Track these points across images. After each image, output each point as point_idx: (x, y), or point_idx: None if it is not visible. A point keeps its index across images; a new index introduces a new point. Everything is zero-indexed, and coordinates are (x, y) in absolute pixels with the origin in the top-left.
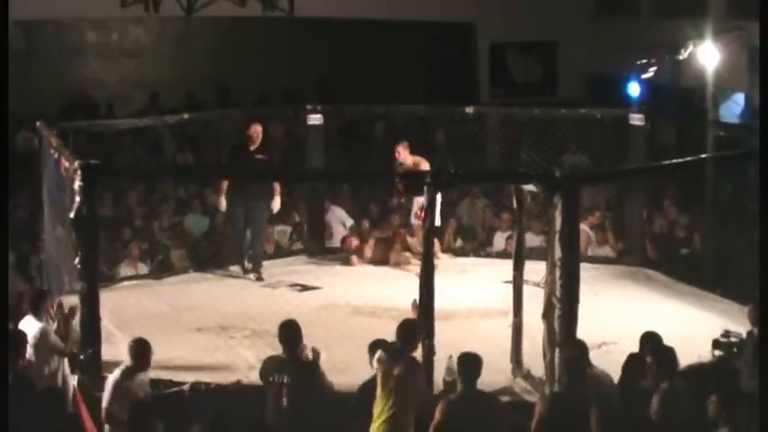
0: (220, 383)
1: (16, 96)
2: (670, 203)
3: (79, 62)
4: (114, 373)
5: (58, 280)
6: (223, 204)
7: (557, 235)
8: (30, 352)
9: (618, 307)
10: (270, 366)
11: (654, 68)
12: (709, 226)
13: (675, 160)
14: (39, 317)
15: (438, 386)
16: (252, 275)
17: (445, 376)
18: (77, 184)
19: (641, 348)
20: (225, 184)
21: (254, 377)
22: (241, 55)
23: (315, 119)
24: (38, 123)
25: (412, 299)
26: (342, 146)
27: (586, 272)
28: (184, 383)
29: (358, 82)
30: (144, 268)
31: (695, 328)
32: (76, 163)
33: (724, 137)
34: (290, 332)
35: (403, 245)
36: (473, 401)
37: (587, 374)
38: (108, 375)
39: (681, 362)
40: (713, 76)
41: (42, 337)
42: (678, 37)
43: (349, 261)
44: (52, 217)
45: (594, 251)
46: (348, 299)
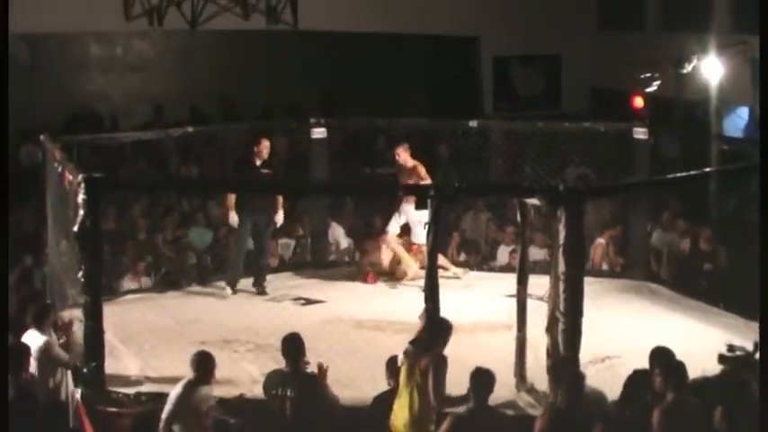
0: (223, 397)
1: (20, 110)
2: (674, 217)
3: (83, 75)
4: (177, 388)
5: (62, 293)
6: (235, 219)
7: (560, 249)
8: (33, 365)
9: (621, 321)
10: (273, 380)
11: (658, 82)
12: (713, 240)
13: (679, 174)
14: (42, 330)
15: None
16: (256, 288)
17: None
18: (81, 198)
19: (651, 364)
20: (232, 199)
21: (257, 391)
22: (245, 68)
23: (318, 132)
24: (41, 137)
25: (420, 311)
26: (345, 159)
27: (590, 286)
28: None
29: (361, 95)
30: (147, 281)
31: (699, 343)
32: (80, 176)
33: (728, 151)
34: (294, 346)
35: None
36: (483, 418)
37: (582, 392)
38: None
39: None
40: (717, 90)
41: (46, 351)
42: (682, 50)
43: (365, 278)
44: (56, 230)
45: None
46: (352, 313)
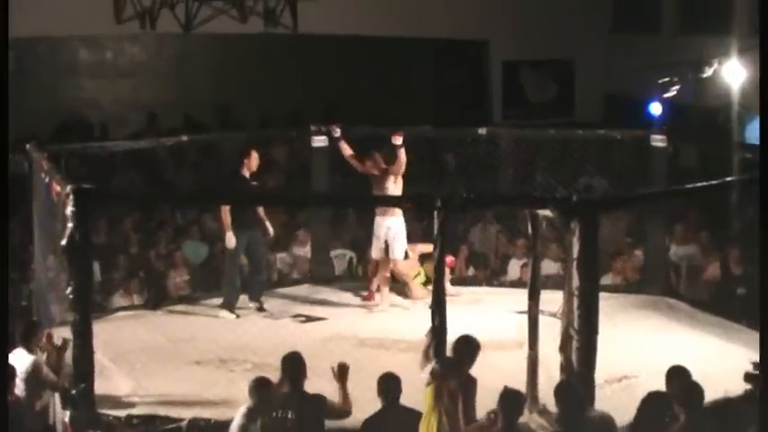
0: (220, 419)
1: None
2: (693, 230)
3: (72, 82)
4: (237, 418)
5: (50, 311)
6: (233, 242)
7: (574, 262)
8: (20, 387)
9: (639, 338)
10: (272, 401)
11: (676, 87)
12: (733, 252)
13: (699, 183)
14: (30, 349)
15: None
16: (252, 305)
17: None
18: (70, 210)
19: (668, 384)
20: (228, 217)
21: None
22: (242, 74)
23: (319, 141)
24: (28, 146)
25: (426, 329)
26: (347, 168)
27: (605, 301)
28: (182, 420)
29: (365, 102)
30: (139, 298)
31: (721, 361)
32: (69, 187)
33: (750, 159)
34: (294, 365)
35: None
36: None
37: (588, 416)
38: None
39: (706, 397)
40: (738, 95)
41: (34, 371)
42: (701, 54)
43: (411, 294)
44: (43, 244)
45: (614, 279)
46: (355, 330)
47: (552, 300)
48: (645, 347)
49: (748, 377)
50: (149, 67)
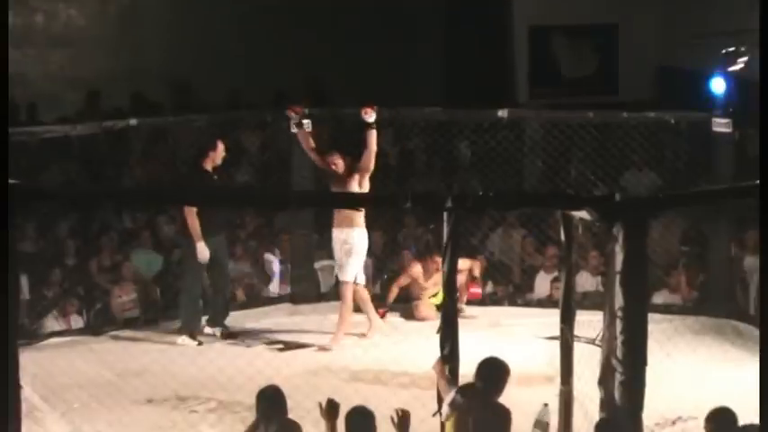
0: None
1: None
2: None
3: None
4: None
5: None
6: (206, 252)
7: (617, 277)
8: None
9: (698, 371)
10: None
11: (744, 59)
12: None
13: None
14: None
15: None
16: (214, 331)
17: (541, 416)
18: None
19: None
20: (197, 222)
21: None
22: (205, 42)
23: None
24: None
25: (434, 360)
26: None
27: (657, 325)
28: None
29: (358, 78)
30: (78, 321)
31: None
32: None
33: None
34: (272, 403)
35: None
36: None
37: None
38: None
39: None
40: None
41: None
42: None
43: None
44: None
45: (667, 298)
46: (346, 361)
47: (590, 323)
48: (705, 382)
49: None
50: (89, 34)
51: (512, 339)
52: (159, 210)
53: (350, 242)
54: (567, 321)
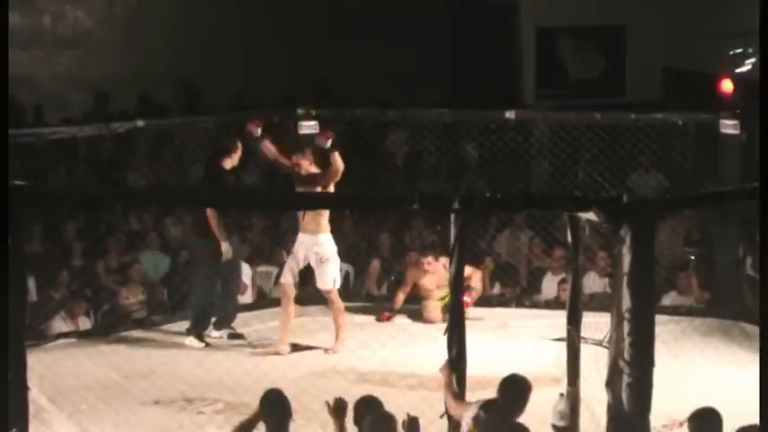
0: None
1: None
2: None
3: None
4: None
5: None
6: (230, 251)
7: (624, 278)
8: None
9: (705, 373)
10: None
11: (751, 60)
12: None
13: None
14: None
15: None
16: (222, 333)
17: (555, 421)
18: None
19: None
20: (220, 223)
21: None
22: (212, 44)
23: (308, 126)
24: None
25: (442, 361)
26: (344, 161)
27: (664, 326)
28: None
29: (364, 79)
30: (86, 322)
31: None
32: None
33: None
34: (276, 406)
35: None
36: None
37: None
38: None
39: None
40: None
41: None
42: None
43: (426, 317)
44: None
45: (675, 299)
46: (353, 362)
47: (597, 324)
48: (713, 384)
49: None
50: (97, 36)
51: (519, 341)
52: (166, 211)
53: (321, 250)
54: (575, 323)
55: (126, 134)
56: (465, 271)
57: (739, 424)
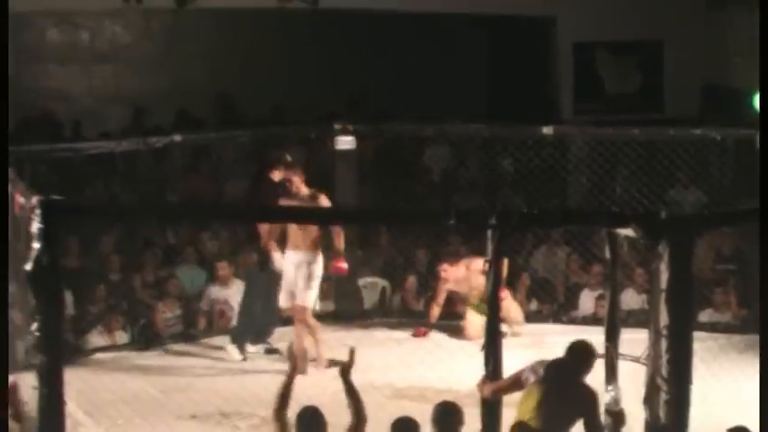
0: None
1: None
2: None
3: (38, 68)
4: None
5: (11, 352)
6: (282, 263)
7: (662, 295)
8: None
9: (744, 390)
10: None
11: None
12: None
13: None
14: None
15: None
16: (259, 347)
17: (610, 407)
18: (35, 227)
19: None
20: (269, 231)
21: None
22: (249, 59)
23: (345, 142)
24: None
25: (479, 378)
26: (379, 177)
27: (702, 343)
28: None
29: (402, 94)
30: (123, 336)
31: None
32: (34, 199)
33: None
34: (311, 423)
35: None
36: None
37: None
38: None
39: None
40: None
41: None
42: None
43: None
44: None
45: (713, 316)
46: (390, 378)
47: (635, 341)
48: (752, 402)
49: None
50: (134, 51)
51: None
52: (202, 225)
53: (310, 267)
54: (612, 339)
55: (163, 148)
56: (478, 265)
57: None
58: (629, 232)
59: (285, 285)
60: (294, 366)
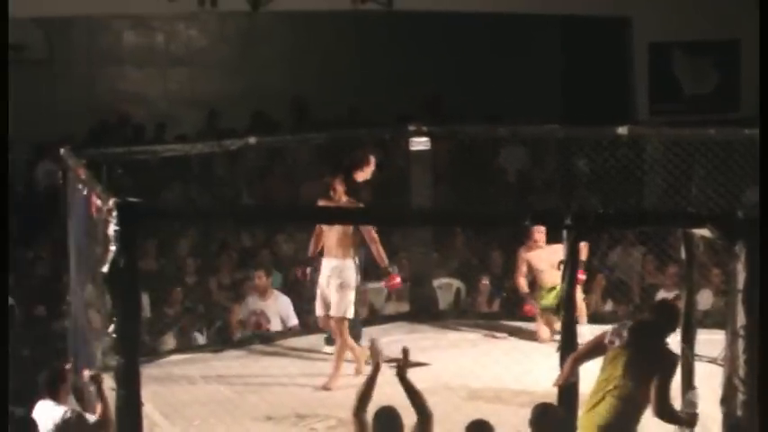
0: None
1: (35, 116)
2: None
3: (114, 71)
4: None
5: (87, 354)
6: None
7: (739, 295)
8: None
9: None
10: None
11: None
12: None
13: None
14: (58, 400)
15: None
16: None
17: (686, 408)
18: (112, 229)
19: None
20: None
21: None
22: (324, 61)
23: (420, 143)
24: (62, 151)
25: (554, 378)
26: (454, 178)
27: None
28: None
29: (476, 95)
30: (199, 338)
31: None
32: (111, 201)
33: None
34: (388, 423)
35: None
36: None
37: None
38: None
39: None
40: None
41: (76, 424)
42: None
43: (537, 336)
44: (80, 272)
45: None
46: (465, 379)
47: (712, 342)
48: None
49: None
50: (209, 54)
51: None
52: (278, 228)
53: (344, 275)
54: (688, 340)
55: (239, 151)
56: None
57: None
58: (705, 233)
59: (319, 293)
60: (377, 366)
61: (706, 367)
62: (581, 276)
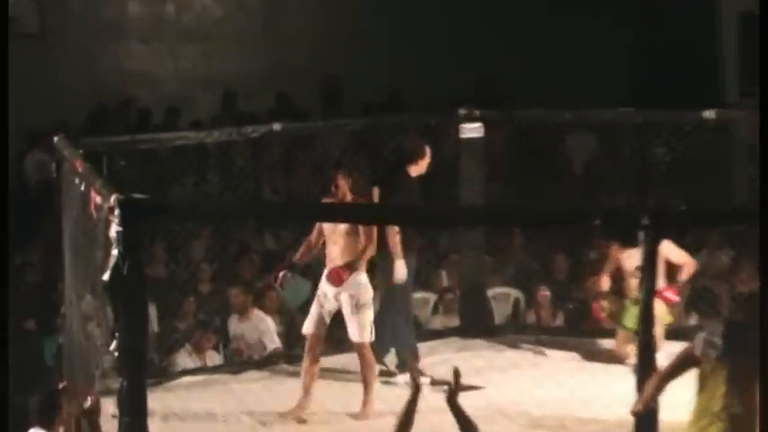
0: None
1: (24, 98)
2: None
3: (117, 47)
4: None
5: (85, 374)
6: (404, 272)
7: None
8: None
9: None
10: None
11: None
12: None
13: None
14: (51, 428)
15: None
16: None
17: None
18: (115, 230)
19: None
20: (398, 239)
21: None
22: (357, 37)
23: (471, 129)
24: (56, 139)
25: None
26: (511, 170)
27: None
28: None
29: (536, 75)
30: (215, 357)
31: None
32: (113, 198)
33: None
34: None
35: None
36: None
37: None
38: None
39: None
40: None
41: None
42: None
43: (618, 357)
44: (77, 280)
45: None
46: (524, 405)
47: None
48: None
49: None
50: (226, 27)
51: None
52: (306, 228)
53: (358, 293)
54: None
55: (260, 139)
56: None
57: None
58: None
59: (315, 308)
60: (417, 387)
61: None
62: (673, 297)
